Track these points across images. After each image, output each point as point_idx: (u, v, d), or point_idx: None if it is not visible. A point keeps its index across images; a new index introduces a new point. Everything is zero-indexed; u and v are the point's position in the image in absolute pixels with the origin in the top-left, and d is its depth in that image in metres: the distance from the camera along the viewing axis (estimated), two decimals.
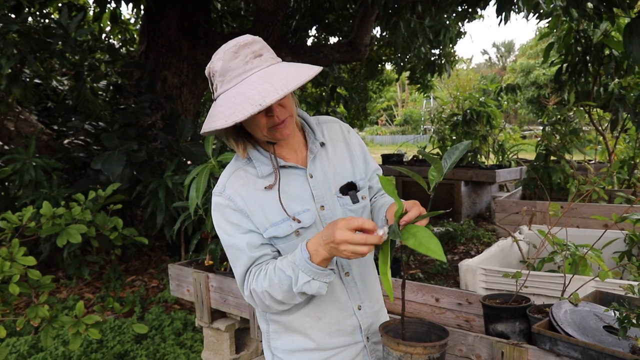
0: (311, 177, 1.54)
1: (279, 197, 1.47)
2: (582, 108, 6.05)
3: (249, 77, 1.34)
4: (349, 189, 1.58)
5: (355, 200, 1.57)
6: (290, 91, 1.28)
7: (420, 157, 9.48)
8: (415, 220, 1.31)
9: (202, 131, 1.36)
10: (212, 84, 1.43)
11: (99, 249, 4.68)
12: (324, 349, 1.56)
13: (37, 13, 6.76)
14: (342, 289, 1.56)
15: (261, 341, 1.67)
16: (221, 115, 1.30)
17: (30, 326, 4.09)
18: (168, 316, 4.38)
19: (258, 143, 1.53)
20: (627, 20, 4.10)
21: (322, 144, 1.59)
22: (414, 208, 1.34)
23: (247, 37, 1.39)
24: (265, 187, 1.48)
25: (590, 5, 4.47)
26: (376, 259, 1.39)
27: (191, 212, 3.03)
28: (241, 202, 1.47)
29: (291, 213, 1.47)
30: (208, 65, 1.43)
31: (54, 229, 3.20)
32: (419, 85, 10.69)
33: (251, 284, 1.45)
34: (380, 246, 1.31)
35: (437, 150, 9.22)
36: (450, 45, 9.69)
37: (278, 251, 1.51)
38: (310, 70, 1.35)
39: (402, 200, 1.37)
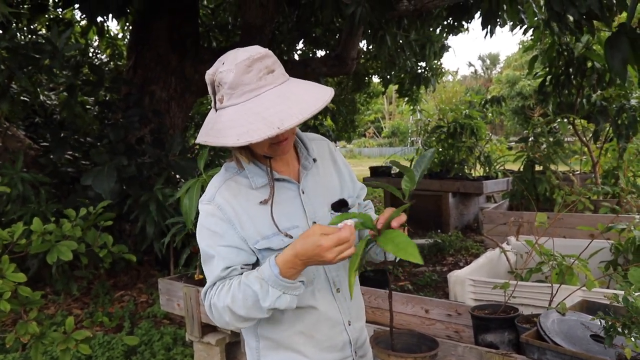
0: (303, 193, 1.54)
1: (271, 211, 1.46)
2: (565, 120, 6.14)
3: (262, 94, 1.32)
4: (340, 205, 1.60)
5: None
6: (308, 117, 1.28)
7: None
8: (390, 220, 1.36)
9: (205, 142, 1.34)
10: (214, 93, 1.38)
11: (88, 264, 4.66)
12: None
13: (25, 29, 6.75)
14: (334, 305, 1.57)
15: None
16: (232, 132, 1.28)
17: (18, 343, 4.05)
18: (158, 331, 4.35)
19: (253, 154, 1.51)
20: (607, 34, 4.19)
21: (315, 160, 1.60)
22: (387, 210, 1.39)
23: (259, 50, 1.35)
24: (260, 202, 1.47)
25: (571, 18, 4.55)
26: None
27: (187, 224, 3.06)
28: (231, 212, 1.45)
29: (281, 228, 1.47)
30: (213, 73, 1.37)
31: (43, 245, 3.18)
32: (407, 98, 10.79)
33: (212, 297, 1.43)
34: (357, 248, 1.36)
35: None
36: (436, 59, 9.80)
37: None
38: (325, 94, 1.35)
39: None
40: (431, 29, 8.49)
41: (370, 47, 9.57)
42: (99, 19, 6.77)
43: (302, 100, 1.31)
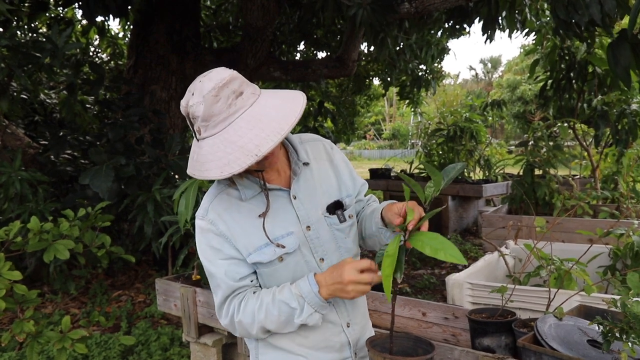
0: (294, 198, 1.54)
1: (263, 222, 1.47)
2: (566, 124, 6.14)
3: (235, 121, 1.32)
4: (335, 208, 1.59)
5: (342, 219, 1.59)
6: (283, 137, 1.28)
7: (407, 171, 9.53)
8: (419, 224, 1.38)
9: (193, 175, 1.36)
10: (192, 125, 1.39)
11: (85, 264, 4.66)
12: None
13: (25, 27, 6.75)
14: (331, 308, 1.57)
15: (249, 356, 1.67)
16: (214, 165, 1.30)
17: (14, 342, 4.04)
18: (155, 331, 4.34)
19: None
20: (608, 38, 4.18)
21: (306, 164, 1.59)
22: (415, 210, 1.40)
23: (223, 75, 1.35)
24: (258, 215, 1.48)
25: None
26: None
27: (181, 226, 3.05)
28: (223, 227, 1.47)
29: (274, 237, 1.48)
30: (185, 105, 1.37)
31: (40, 244, 3.17)
32: (408, 101, 10.79)
33: (235, 315, 1.47)
34: (386, 249, 1.36)
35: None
36: (437, 61, 9.81)
37: (258, 280, 1.53)
38: (296, 106, 1.35)
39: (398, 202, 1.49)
40: (432, 32, 8.49)
41: (371, 49, 9.57)
42: (99, 18, 6.76)
43: (274, 120, 1.31)
